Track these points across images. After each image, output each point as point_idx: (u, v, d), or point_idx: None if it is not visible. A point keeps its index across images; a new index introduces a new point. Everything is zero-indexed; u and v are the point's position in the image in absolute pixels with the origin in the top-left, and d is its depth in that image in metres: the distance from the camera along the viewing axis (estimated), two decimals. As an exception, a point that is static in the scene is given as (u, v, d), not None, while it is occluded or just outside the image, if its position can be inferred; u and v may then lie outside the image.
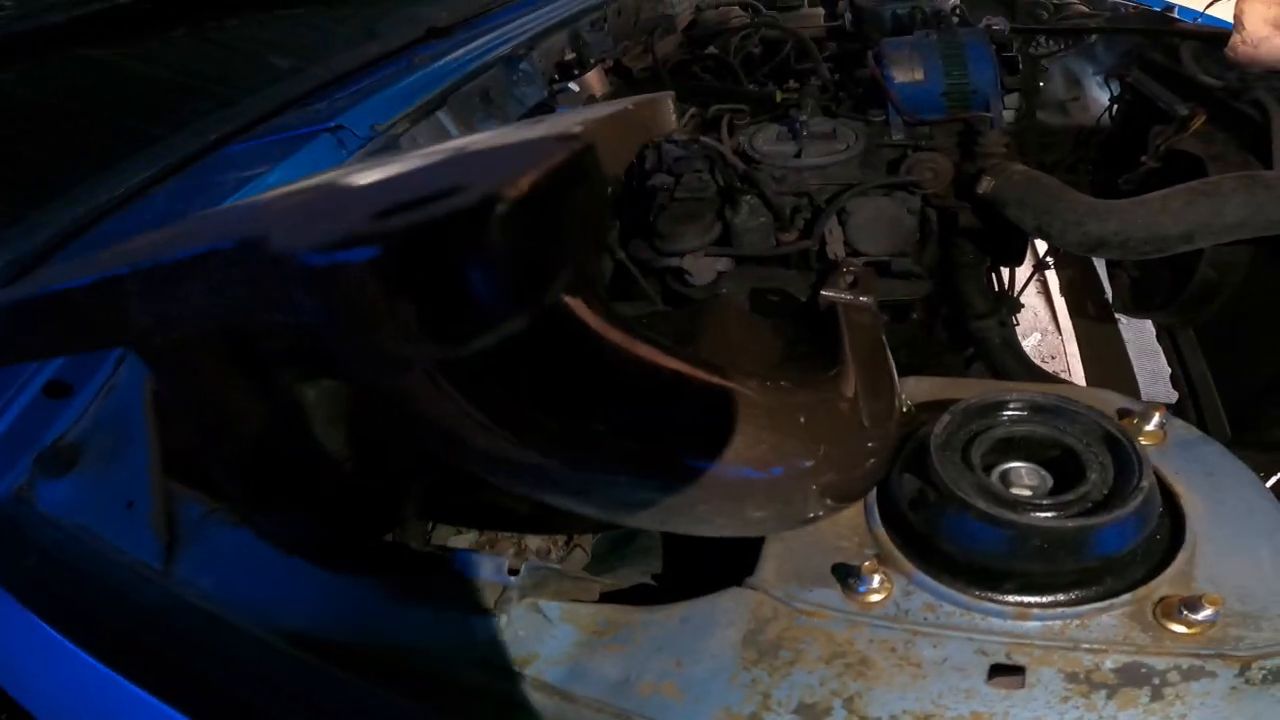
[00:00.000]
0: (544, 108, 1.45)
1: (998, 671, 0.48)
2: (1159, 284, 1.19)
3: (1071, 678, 0.47)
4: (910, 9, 1.63)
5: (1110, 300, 1.37)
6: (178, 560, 0.65)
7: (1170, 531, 0.54)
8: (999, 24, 1.38)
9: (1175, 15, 1.62)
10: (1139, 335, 1.19)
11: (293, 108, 1.37)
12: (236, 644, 0.58)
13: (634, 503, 0.50)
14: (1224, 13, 1.36)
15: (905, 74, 1.24)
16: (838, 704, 0.48)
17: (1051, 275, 2.31)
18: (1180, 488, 0.56)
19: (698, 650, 0.52)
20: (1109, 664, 0.48)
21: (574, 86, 1.46)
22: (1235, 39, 1.15)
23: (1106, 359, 1.64)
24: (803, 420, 0.53)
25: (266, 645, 0.57)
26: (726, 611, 0.54)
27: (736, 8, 2.11)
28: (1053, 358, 2.77)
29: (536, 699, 0.51)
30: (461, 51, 1.46)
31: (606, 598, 0.61)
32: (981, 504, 0.50)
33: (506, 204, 0.21)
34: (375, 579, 0.58)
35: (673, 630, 0.53)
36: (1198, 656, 0.48)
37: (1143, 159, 1.20)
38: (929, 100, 1.25)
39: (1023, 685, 0.47)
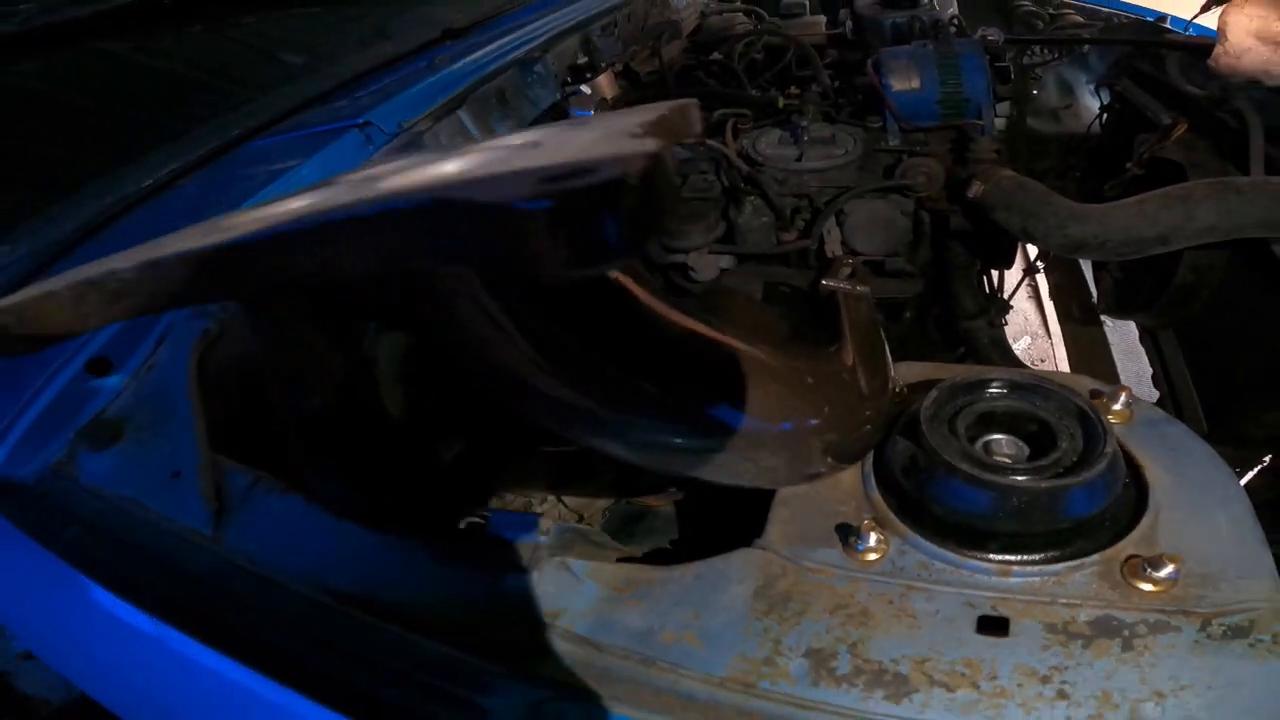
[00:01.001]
0: (557, 109, 1.50)
1: (984, 623, 0.54)
2: (1141, 286, 1.25)
3: (1050, 628, 0.53)
4: (909, 19, 1.68)
5: (1095, 302, 1.43)
6: (227, 527, 0.69)
7: (1135, 500, 0.59)
8: (993, 35, 1.43)
9: (1167, 25, 1.67)
10: (1123, 338, 1.25)
11: (314, 104, 1.41)
12: (288, 603, 0.62)
13: (665, 447, 0.56)
14: (1213, 23, 1.42)
15: (902, 82, 1.30)
16: (842, 649, 0.53)
17: (1041, 280, 2.37)
18: (1145, 460, 0.62)
19: (713, 603, 0.57)
20: (1083, 617, 0.53)
21: (585, 89, 1.52)
22: (1218, 50, 1.20)
23: (1092, 360, 1.70)
24: (810, 383, 0.59)
25: (317, 604, 0.61)
26: (738, 569, 0.59)
27: (740, 15, 2.15)
28: (1042, 360, 2.84)
29: (566, 648, 0.56)
30: (480, 54, 1.52)
31: (623, 561, 0.67)
32: (966, 467, 0.56)
33: (633, 179, 0.31)
34: (419, 540, 0.62)
35: (689, 586, 0.58)
36: (1163, 612, 0.53)
37: (1127, 166, 1.26)
38: (924, 108, 1.30)
39: (1007, 634, 0.53)
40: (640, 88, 1.74)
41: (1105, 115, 1.63)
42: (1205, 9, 1.34)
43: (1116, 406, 0.66)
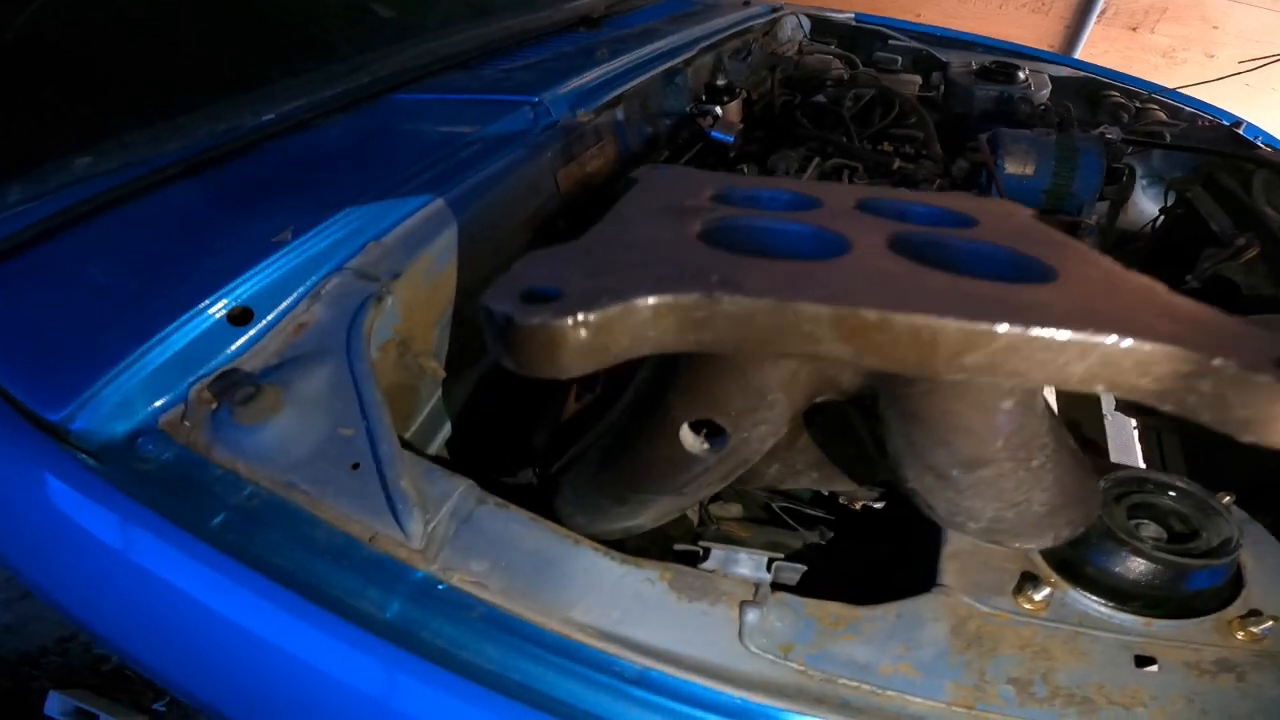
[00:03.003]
0: (689, 121, 1.59)
1: (1139, 660, 0.67)
2: None
3: (1186, 665, 0.67)
4: (1016, 96, 1.70)
5: (1100, 399, 1.48)
6: (436, 541, 0.70)
7: (1236, 576, 0.75)
8: (1113, 134, 1.45)
9: (1242, 131, 1.71)
10: (1119, 430, 1.45)
11: (454, 66, 1.46)
12: (527, 638, 0.65)
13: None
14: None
15: (1017, 166, 1.36)
16: (1036, 678, 0.65)
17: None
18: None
19: (919, 639, 0.67)
20: (1209, 656, 0.68)
21: (719, 110, 1.61)
22: None
23: (1090, 451, 1.82)
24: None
25: (565, 644, 0.65)
26: (931, 609, 0.70)
27: (834, 58, 2.13)
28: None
29: (804, 682, 0.65)
30: (633, 55, 1.60)
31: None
32: (1136, 543, 0.70)
33: None
34: (655, 571, 0.69)
35: (893, 623, 0.69)
36: (1259, 655, 0.68)
37: (1187, 278, 1.25)
38: (1029, 194, 1.34)
39: (1157, 668, 0.66)
40: (751, 116, 1.77)
41: (1163, 218, 1.56)
42: None
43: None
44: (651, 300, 0.44)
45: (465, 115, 1.28)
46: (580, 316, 0.42)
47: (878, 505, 0.92)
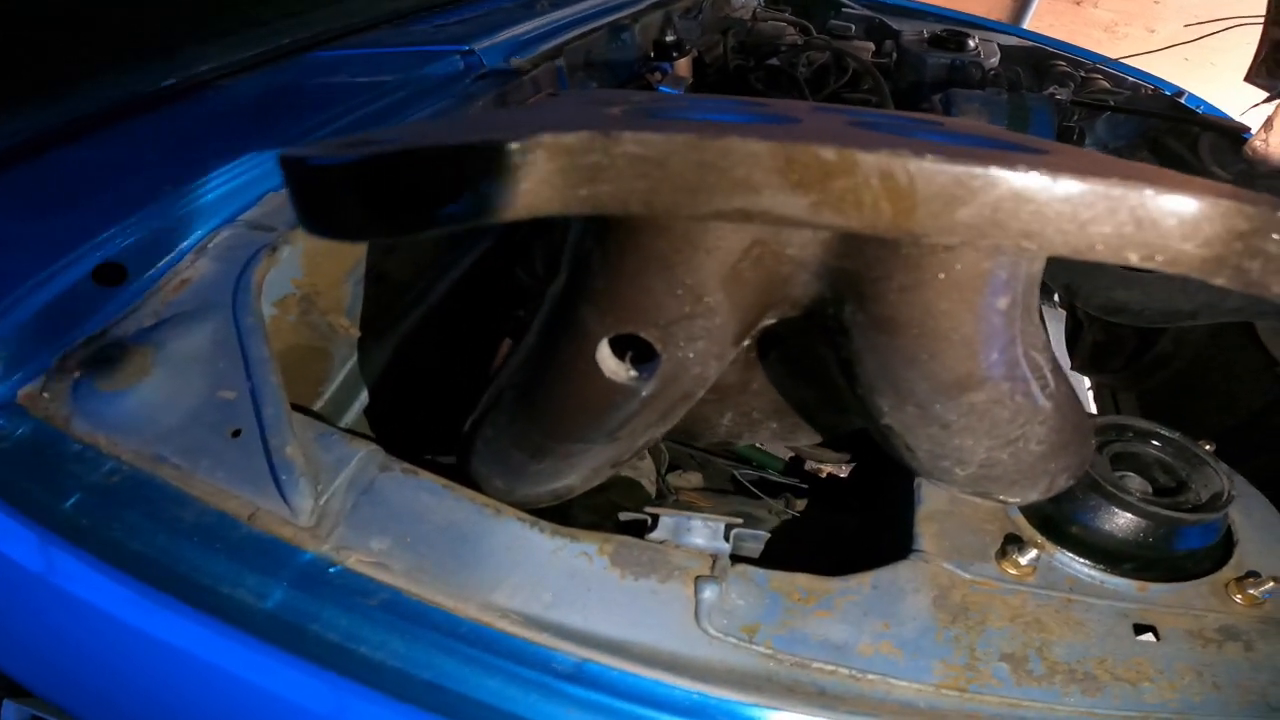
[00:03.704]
0: (638, 78, 1.54)
1: (1139, 629, 0.60)
2: (1121, 350, 1.36)
3: (1189, 634, 0.60)
4: (965, 63, 1.70)
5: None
6: (329, 515, 0.59)
7: (1227, 535, 0.69)
8: (1062, 95, 1.47)
9: (1184, 100, 1.74)
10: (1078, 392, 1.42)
11: (382, 25, 1.41)
12: (446, 631, 0.55)
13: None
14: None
15: None
16: (1031, 653, 0.57)
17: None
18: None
19: (899, 613, 0.59)
20: (1211, 624, 0.61)
21: (669, 68, 1.56)
22: (1258, 137, 1.22)
23: None
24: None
25: (484, 634, 0.55)
26: (910, 579, 0.61)
27: (788, 25, 2.10)
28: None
29: (772, 667, 0.55)
30: (578, 7, 1.54)
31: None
32: (1123, 495, 0.62)
33: None
34: (594, 544, 0.58)
35: (869, 596, 0.60)
36: (1264, 622, 0.62)
37: None
38: None
39: (1159, 639, 0.59)
40: (702, 78, 1.74)
41: None
42: (1270, 100, 1.40)
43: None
44: (515, 145, 0.33)
45: (389, 67, 1.17)
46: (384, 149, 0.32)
47: (844, 473, 0.84)
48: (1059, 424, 0.57)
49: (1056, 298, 1.20)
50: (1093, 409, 1.36)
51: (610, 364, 0.56)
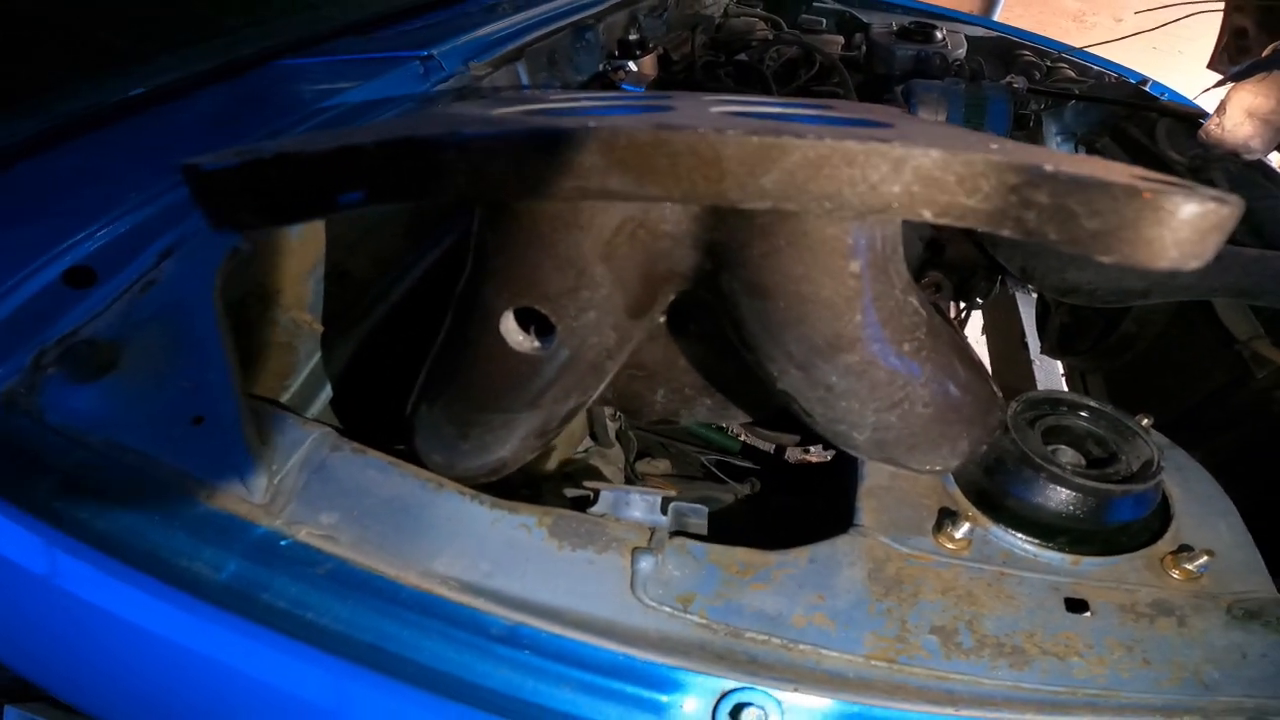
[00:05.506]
0: (603, 78, 1.54)
1: (1070, 604, 0.61)
2: (1087, 332, 1.37)
3: (1122, 608, 0.61)
4: (932, 54, 1.74)
5: (1026, 341, 1.49)
6: (283, 494, 0.61)
7: (1162, 508, 0.70)
8: (1019, 83, 1.51)
9: (1148, 88, 1.78)
10: (1047, 376, 1.42)
11: (349, 33, 1.42)
12: (382, 595, 0.57)
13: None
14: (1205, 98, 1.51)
15: (930, 114, 1.39)
16: (961, 626, 0.58)
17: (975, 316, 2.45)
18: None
19: (833, 586, 0.60)
20: (1144, 598, 0.62)
21: (632, 66, 1.57)
22: (1212, 121, 1.24)
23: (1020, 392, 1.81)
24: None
25: (423, 599, 0.56)
26: (846, 553, 0.62)
27: (759, 20, 2.13)
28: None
29: (706, 636, 0.56)
30: (539, 10, 1.55)
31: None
32: (1054, 468, 0.64)
33: None
34: (533, 516, 0.60)
35: (805, 569, 0.61)
36: (1197, 597, 0.63)
37: None
38: None
39: (1090, 613, 0.60)
40: (670, 74, 1.75)
41: None
42: (1221, 84, 1.39)
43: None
44: (371, 148, 0.39)
45: (350, 74, 1.18)
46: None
47: (821, 459, 0.86)
48: (943, 386, 0.59)
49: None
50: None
51: (515, 336, 0.60)
